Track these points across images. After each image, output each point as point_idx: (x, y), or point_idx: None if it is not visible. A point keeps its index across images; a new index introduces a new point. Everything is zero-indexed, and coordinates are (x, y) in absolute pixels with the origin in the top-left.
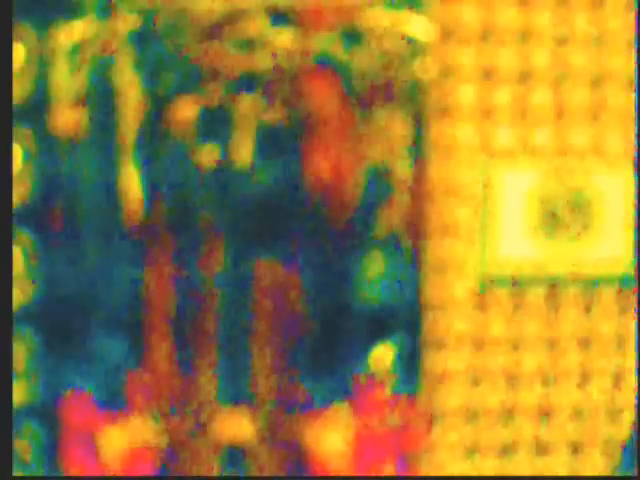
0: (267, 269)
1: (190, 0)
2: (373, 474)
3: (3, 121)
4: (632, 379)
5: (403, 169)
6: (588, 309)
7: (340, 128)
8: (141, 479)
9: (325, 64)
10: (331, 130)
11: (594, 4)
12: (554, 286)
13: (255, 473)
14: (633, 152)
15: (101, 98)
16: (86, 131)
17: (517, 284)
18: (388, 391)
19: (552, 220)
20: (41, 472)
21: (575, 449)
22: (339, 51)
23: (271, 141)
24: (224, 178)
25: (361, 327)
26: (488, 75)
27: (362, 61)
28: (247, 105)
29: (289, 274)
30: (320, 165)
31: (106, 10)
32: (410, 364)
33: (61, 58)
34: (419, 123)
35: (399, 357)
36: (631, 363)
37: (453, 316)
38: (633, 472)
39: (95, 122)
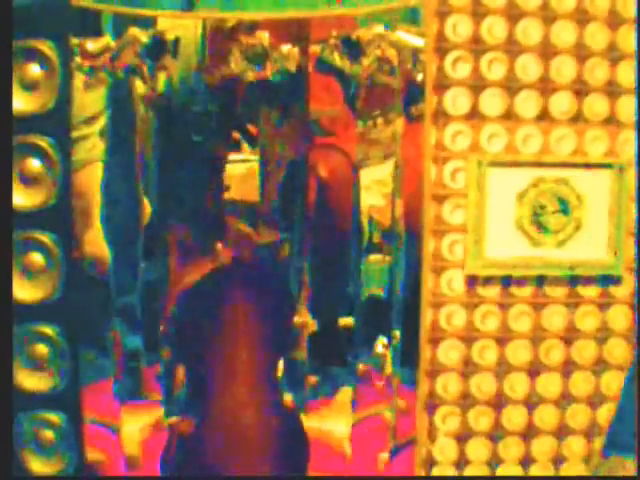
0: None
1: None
2: (372, 461)
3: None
4: (613, 373)
5: (400, 171)
6: (573, 307)
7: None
8: (141, 479)
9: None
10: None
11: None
12: (541, 285)
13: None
14: (616, 156)
15: (119, 111)
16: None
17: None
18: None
19: (539, 223)
20: (62, 460)
21: (560, 435)
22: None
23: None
24: None
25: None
26: (479, 82)
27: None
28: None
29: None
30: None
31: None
32: (409, 356)
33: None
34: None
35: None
36: (611, 358)
37: (449, 312)
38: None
39: (114, 133)
